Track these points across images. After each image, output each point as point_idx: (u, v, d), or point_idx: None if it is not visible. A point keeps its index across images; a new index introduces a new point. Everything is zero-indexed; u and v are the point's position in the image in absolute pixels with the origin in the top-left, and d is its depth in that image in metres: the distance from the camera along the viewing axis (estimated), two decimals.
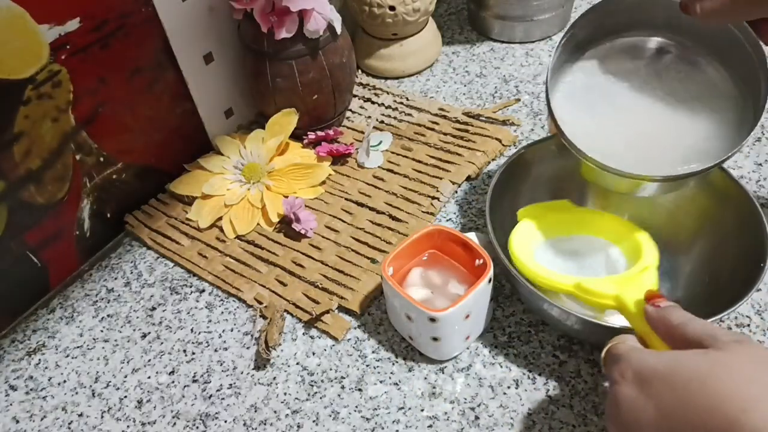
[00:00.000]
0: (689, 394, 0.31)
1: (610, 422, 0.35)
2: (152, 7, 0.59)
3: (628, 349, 0.37)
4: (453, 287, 0.52)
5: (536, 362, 0.51)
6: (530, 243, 0.53)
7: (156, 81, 0.63)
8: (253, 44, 0.65)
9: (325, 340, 0.55)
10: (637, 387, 0.34)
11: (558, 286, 0.48)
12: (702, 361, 0.32)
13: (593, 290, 0.45)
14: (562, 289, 0.48)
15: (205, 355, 0.55)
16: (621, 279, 0.46)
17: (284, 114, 0.68)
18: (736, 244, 0.50)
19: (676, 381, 0.32)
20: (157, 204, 0.68)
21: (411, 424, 0.48)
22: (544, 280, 0.48)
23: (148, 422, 0.51)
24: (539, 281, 0.48)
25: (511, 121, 0.71)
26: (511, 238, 0.52)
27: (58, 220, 0.60)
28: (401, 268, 0.53)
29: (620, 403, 0.34)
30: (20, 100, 0.53)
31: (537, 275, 0.49)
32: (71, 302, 0.61)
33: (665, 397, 0.32)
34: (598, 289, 0.45)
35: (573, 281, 0.47)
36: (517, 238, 0.52)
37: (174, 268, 0.63)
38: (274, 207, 0.64)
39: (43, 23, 0.52)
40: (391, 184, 0.66)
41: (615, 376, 0.36)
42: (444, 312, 0.46)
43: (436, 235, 0.53)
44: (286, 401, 0.51)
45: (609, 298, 0.44)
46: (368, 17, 0.75)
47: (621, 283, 0.44)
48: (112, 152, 0.62)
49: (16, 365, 0.56)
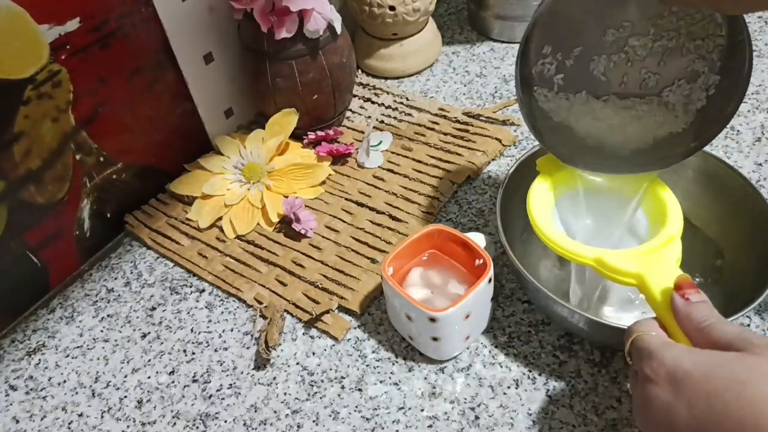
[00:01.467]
0: (724, 404, 0.31)
1: (642, 419, 0.35)
2: (152, 7, 0.59)
3: (659, 345, 0.35)
4: (453, 287, 0.52)
5: (536, 362, 0.51)
6: (547, 200, 0.50)
7: (156, 81, 0.63)
8: (253, 44, 0.65)
9: (325, 340, 0.55)
10: (671, 389, 0.33)
11: (578, 258, 0.46)
12: (738, 367, 0.31)
13: (614, 266, 0.43)
14: (581, 261, 0.46)
15: (205, 355, 0.55)
16: (643, 254, 0.44)
17: (284, 114, 0.68)
18: (749, 248, 0.50)
19: (710, 388, 0.31)
20: (157, 204, 0.68)
21: (411, 424, 0.48)
22: (564, 250, 0.46)
23: (148, 422, 0.51)
24: (558, 250, 0.46)
25: (511, 121, 0.71)
26: (529, 197, 0.49)
27: (58, 220, 0.60)
28: (401, 268, 0.53)
29: (653, 403, 0.34)
30: (20, 100, 0.53)
31: (556, 244, 0.47)
32: (71, 302, 0.61)
33: (700, 404, 0.32)
34: (620, 266, 0.43)
35: (594, 254, 0.45)
36: (535, 197, 0.49)
37: (174, 268, 0.63)
38: (274, 207, 0.64)
39: (43, 23, 0.52)
40: (391, 184, 0.66)
41: (647, 373, 0.35)
42: (444, 312, 0.46)
43: (436, 235, 0.53)
44: (286, 401, 0.51)
45: (630, 276, 0.42)
46: (368, 17, 0.75)
47: (643, 259, 0.43)
48: (112, 152, 0.62)
49: (16, 365, 0.56)
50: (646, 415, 0.34)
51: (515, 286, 0.56)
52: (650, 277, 0.41)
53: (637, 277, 0.42)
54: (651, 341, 0.36)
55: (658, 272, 0.40)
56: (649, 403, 0.34)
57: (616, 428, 0.46)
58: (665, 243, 0.45)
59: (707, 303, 0.37)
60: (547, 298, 0.47)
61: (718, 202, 0.53)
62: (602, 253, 0.44)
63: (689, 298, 0.37)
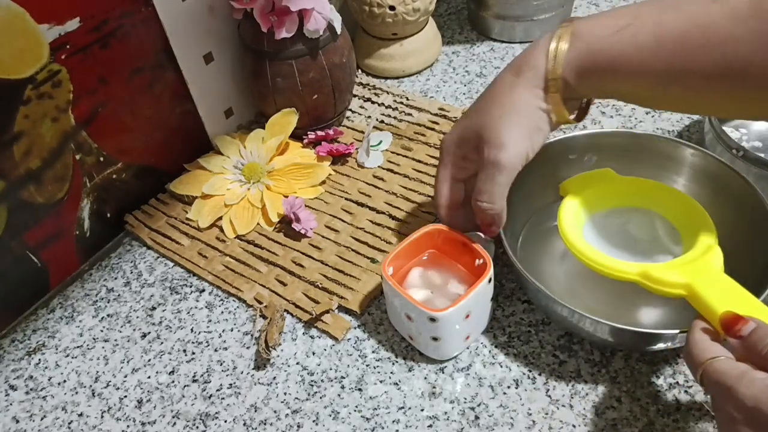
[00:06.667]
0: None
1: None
2: (152, 7, 0.59)
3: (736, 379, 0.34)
4: (453, 287, 0.52)
5: (536, 362, 0.51)
6: (577, 222, 0.51)
7: (156, 81, 0.63)
8: (253, 44, 0.65)
9: (325, 340, 0.55)
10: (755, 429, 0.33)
11: (621, 275, 0.45)
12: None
13: (661, 279, 0.43)
14: (624, 277, 0.45)
15: (205, 354, 0.55)
16: (687, 264, 0.44)
17: (284, 114, 0.68)
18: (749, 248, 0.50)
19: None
20: (157, 204, 0.68)
21: (411, 424, 0.48)
22: (606, 268, 0.46)
23: (148, 422, 0.51)
24: (600, 269, 0.46)
25: None
26: (560, 220, 0.50)
27: (58, 219, 0.60)
28: (401, 268, 0.53)
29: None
30: (20, 100, 0.53)
31: (598, 263, 0.46)
32: (71, 302, 0.61)
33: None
34: (667, 278, 0.43)
35: (637, 269, 0.45)
36: (566, 219, 0.50)
37: (174, 267, 0.63)
38: (274, 207, 0.64)
39: (43, 23, 0.52)
40: (391, 184, 0.66)
41: (729, 411, 0.34)
42: (444, 312, 0.46)
43: (435, 235, 0.53)
44: (286, 401, 0.51)
45: (679, 287, 0.42)
46: (368, 17, 0.75)
47: (688, 269, 0.43)
48: (112, 152, 0.62)
49: (16, 365, 0.56)
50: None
51: (515, 286, 0.56)
52: (699, 286, 0.40)
53: (687, 287, 0.42)
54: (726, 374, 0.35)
55: (706, 280, 0.40)
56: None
57: (616, 428, 0.46)
58: (706, 251, 0.45)
59: (762, 327, 0.36)
60: (547, 298, 0.47)
61: (718, 202, 0.53)
62: (646, 267, 0.44)
63: (742, 334, 0.37)
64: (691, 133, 0.67)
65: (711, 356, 0.37)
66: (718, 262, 0.44)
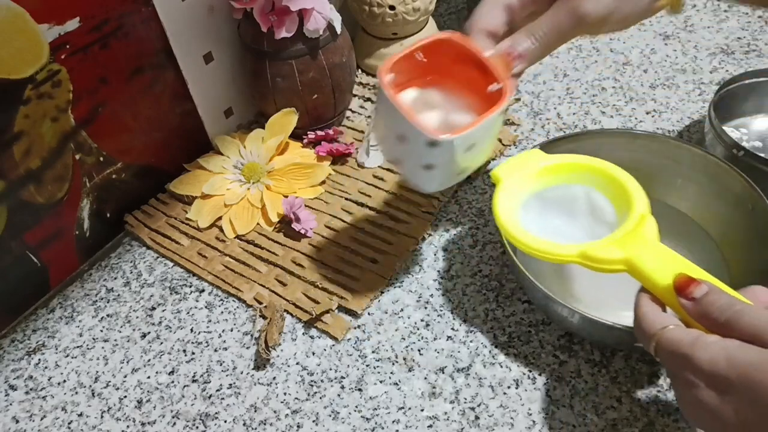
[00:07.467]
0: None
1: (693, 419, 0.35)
2: (152, 7, 0.59)
3: (689, 345, 0.34)
4: (456, 113, 0.46)
5: (536, 362, 0.51)
6: (513, 207, 0.49)
7: (156, 81, 0.63)
8: (253, 44, 0.65)
9: (325, 340, 0.55)
10: (714, 392, 0.33)
11: (561, 257, 0.45)
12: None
13: (601, 257, 0.42)
14: (565, 260, 0.45)
15: (205, 355, 0.55)
16: (623, 238, 0.43)
17: (284, 114, 0.68)
18: (749, 248, 0.50)
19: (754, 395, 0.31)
20: (157, 204, 0.68)
21: (411, 424, 0.48)
22: (545, 253, 0.45)
23: (147, 422, 0.51)
24: (538, 254, 0.45)
25: (511, 121, 0.71)
26: (495, 209, 0.48)
27: (58, 219, 0.59)
28: (399, 84, 0.46)
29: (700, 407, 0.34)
30: (20, 100, 0.53)
31: (535, 249, 0.45)
32: (71, 302, 0.61)
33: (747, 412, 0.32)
34: (605, 256, 0.42)
35: (576, 250, 0.44)
36: (501, 207, 0.48)
37: (174, 267, 0.63)
38: (273, 207, 0.64)
39: (42, 23, 0.52)
40: (391, 183, 0.66)
41: (688, 377, 0.34)
42: (448, 137, 0.40)
43: (447, 46, 0.45)
44: (286, 401, 0.51)
45: (619, 263, 0.42)
46: (368, 17, 0.75)
47: (624, 242, 0.42)
48: (112, 152, 0.62)
49: (16, 365, 0.56)
50: (697, 416, 0.34)
51: (515, 286, 0.56)
52: (637, 258, 0.40)
53: (626, 261, 0.41)
54: (680, 341, 0.35)
55: (643, 252, 0.40)
56: (695, 406, 0.34)
57: (616, 428, 0.46)
58: (639, 222, 0.44)
59: (714, 291, 0.36)
60: (547, 298, 0.47)
61: (718, 202, 0.53)
62: (584, 248, 0.44)
63: (694, 296, 0.36)
64: (691, 133, 0.67)
65: (661, 326, 0.36)
66: (653, 231, 0.43)
